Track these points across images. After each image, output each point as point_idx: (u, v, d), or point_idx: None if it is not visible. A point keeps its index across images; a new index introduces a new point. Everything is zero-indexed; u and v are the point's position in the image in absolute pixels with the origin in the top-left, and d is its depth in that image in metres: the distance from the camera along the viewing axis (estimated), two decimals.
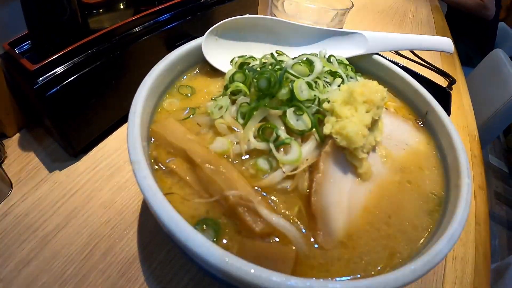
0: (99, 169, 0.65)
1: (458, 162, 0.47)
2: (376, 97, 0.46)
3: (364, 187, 0.46)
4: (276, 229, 0.40)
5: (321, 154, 0.45)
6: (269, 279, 0.31)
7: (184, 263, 0.53)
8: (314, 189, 0.42)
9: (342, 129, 0.43)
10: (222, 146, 0.46)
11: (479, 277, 0.61)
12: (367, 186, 0.47)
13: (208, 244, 0.33)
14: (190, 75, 0.60)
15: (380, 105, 0.47)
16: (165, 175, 0.44)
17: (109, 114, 0.70)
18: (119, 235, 0.56)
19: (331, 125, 0.45)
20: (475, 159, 0.86)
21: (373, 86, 0.47)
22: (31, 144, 0.68)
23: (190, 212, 0.41)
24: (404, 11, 1.58)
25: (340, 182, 0.45)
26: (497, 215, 2.64)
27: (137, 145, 0.39)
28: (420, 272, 0.34)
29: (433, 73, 0.78)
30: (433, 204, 0.47)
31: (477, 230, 0.69)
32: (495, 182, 2.94)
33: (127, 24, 0.64)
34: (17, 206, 0.58)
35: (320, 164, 0.44)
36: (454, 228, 0.39)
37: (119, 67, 0.66)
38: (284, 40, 0.67)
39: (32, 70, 0.53)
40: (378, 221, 0.44)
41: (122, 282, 0.51)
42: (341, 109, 0.45)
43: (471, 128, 0.97)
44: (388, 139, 0.52)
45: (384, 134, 0.52)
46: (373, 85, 0.47)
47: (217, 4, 0.81)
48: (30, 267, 0.51)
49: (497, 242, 2.41)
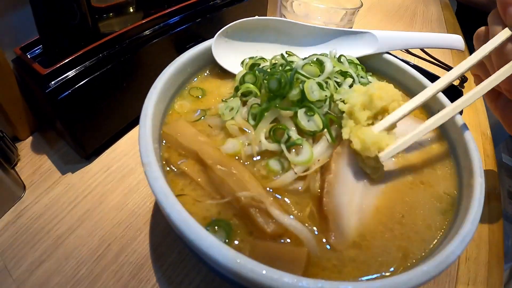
0: (111, 171, 0.66)
1: (471, 161, 0.47)
2: (394, 104, 0.46)
3: (376, 187, 0.46)
4: (288, 230, 0.40)
5: (333, 154, 0.45)
6: (280, 280, 0.31)
7: (195, 264, 0.54)
8: (326, 189, 0.42)
9: (361, 134, 0.43)
10: (234, 147, 0.46)
11: (492, 278, 0.60)
12: (379, 186, 0.46)
13: (220, 245, 0.33)
14: (201, 77, 0.60)
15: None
16: (176, 176, 0.45)
17: (121, 116, 0.71)
18: (131, 237, 0.56)
19: (349, 129, 0.45)
20: (487, 158, 0.84)
21: (390, 89, 0.47)
22: (44, 147, 0.69)
23: (201, 213, 0.41)
24: (413, 9, 1.57)
25: (352, 183, 0.45)
26: (510, 214, 2.60)
27: (149, 147, 0.40)
28: (433, 273, 0.34)
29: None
30: (446, 204, 0.46)
31: (490, 230, 0.68)
32: (508, 181, 2.89)
33: (137, 28, 0.65)
34: (30, 208, 0.59)
35: (331, 165, 0.44)
36: (467, 228, 0.38)
37: (130, 70, 0.66)
38: (294, 40, 0.66)
39: (43, 74, 0.54)
40: (391, 221, 0.43)
41: (134, 283, 0.51)
42: (360, 113, 0.45)
43: (484, 127, 0.96)
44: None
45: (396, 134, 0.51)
46: (390, 88, 0.47)
47: (226, 6, 0.81)
48: (43, 268, 0.52)
49: (510, 242, 2.37)
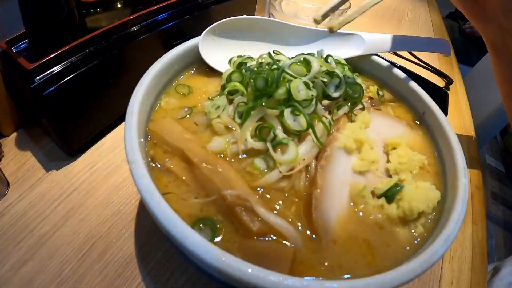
0: (96, 169, 0.65)
1: (455, 162, 0.48)
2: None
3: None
4: (274, 228, 0.40)
5: (317, 168, 0.45)
6: (266, 278, 0.31)
7: (181, 262, 0.53)
8: (314, 205, 0.42)
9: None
10: (220, 145, 0.46)
11: (476, 276, 0.61)
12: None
13: (205, 244, 0.33)
14: (188, 75, 0.60)
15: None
16: (162, 174, 0.44)
17: (106, 113, 0.70)
18: (116, 235, 0.56)
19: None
20: (472, 159, 0.86)
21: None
22: (28, 144, 0.68)
23: (187, 211, 0.41)
24: (401, 12, 1.58)
25: (340, 192, 0.45)
26: (494, 215, 2.64)
27: (134, 145, 0.39)
28: (417, 271, 0.34)
29: (431, 73, 0.78)
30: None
31: (474, 230, 0.69)
32: (492, 182, 2.95)
33: (124, 24, 0.64)
34: (14, 206, 0.58)
35: (317, 180, 0.44)
36: (451, 228, 0.39)
37: (117, 66, 0.66)
38: (282, 40, 0.67)
39: (29, 69, 0.53)
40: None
41: (119, 282, 0.51)
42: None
43: (468, 128, 0.97)
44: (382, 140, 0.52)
45: (379, 135, 0.52)
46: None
47: (214, 4, 0.80)
48: (27, 267, 0.51)
49: (494, 242, 2.41)
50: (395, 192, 0.44)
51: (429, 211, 0.44)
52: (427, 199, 0.44)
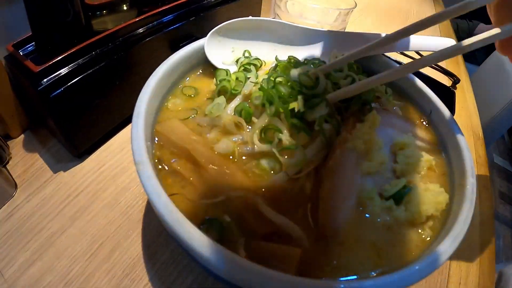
0: (104, 170, 0.65)
1: (463, 161, 0.47)
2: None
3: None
4: (281, 229, 0.40)
5: (325, 170, 0.45)
6: (273, 279, 0.31)
7: (188, 263, 0.54)
8: (321, 207, 0.42)
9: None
10: (227, 147, 0.46)
11: (484, 277, 0.61)
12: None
13: (212, 245, 0.33)
14: (194, 76, 0.60)
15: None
16: (169, 175, 0.45)
17: (113, 115, 0.70)
18: (124, 235, 0.56)
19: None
20: (479, 159, 0.85)
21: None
22: (36, 146, 0.69)
23: (194, 212, 0.41)
24: (407, 11, 1.57)
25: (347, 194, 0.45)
26: (501, 215, 2.62)
27: (141, 146, 0.40)
28: (424, 272, 0.34)
29: (437, 72, 0.77)
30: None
31: (482, 230, 0.68)
32: (500, 181, 2.92)
33: (130, 26, 0.64)
34: (22, 207, 0.58)
35: (325, 182, 0.44)
36: (458, 228, 0.38)
37: (123, 68, 0.66)
38: (288, 41, 0.67)
39: (36, 71, 0.54)
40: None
41: (126, 282, 0.51)
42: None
43: (476, 127, 0.97)
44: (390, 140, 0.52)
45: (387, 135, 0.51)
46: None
47: (220, 5, 0.80)
48: (34, 268, 0.51)
49: (502, 242, 2.39)
50: (404, 194, 0.44)
51: (437, 214, 0.44)
52: (436, 202, 0.43)
